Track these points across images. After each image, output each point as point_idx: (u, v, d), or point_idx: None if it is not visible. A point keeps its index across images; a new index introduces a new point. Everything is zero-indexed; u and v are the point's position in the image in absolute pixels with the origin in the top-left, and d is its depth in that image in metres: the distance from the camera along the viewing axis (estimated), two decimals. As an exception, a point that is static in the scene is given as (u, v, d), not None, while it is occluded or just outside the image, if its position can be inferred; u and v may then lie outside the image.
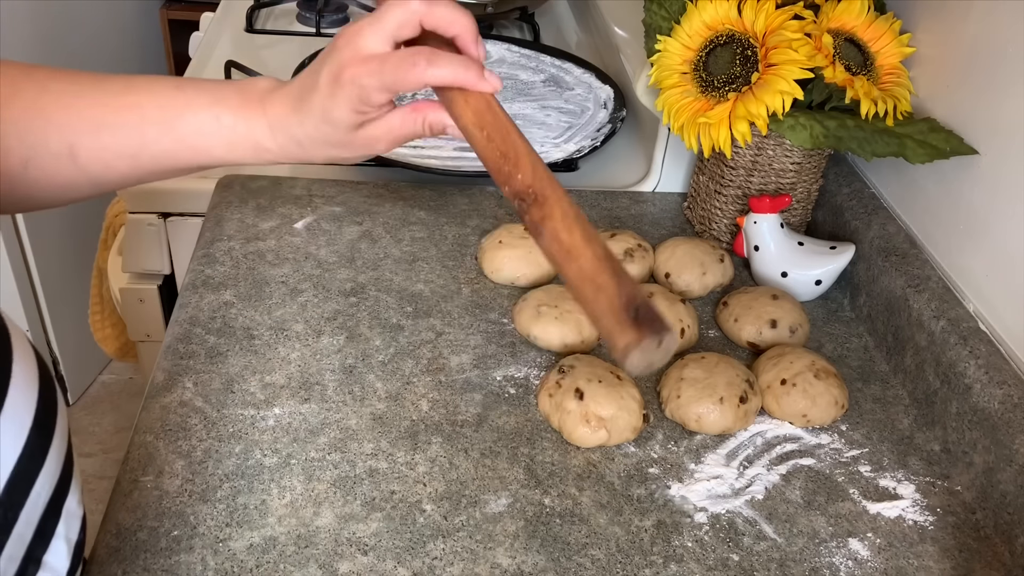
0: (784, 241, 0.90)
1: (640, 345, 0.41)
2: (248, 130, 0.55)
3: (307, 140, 0.55)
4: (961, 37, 0.82)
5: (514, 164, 0.50)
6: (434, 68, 0.51)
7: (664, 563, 0.64)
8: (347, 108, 0.53)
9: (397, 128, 0.55)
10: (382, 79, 0.51)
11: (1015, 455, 0.67)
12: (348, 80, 0.52)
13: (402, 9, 0.51)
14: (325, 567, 0.62)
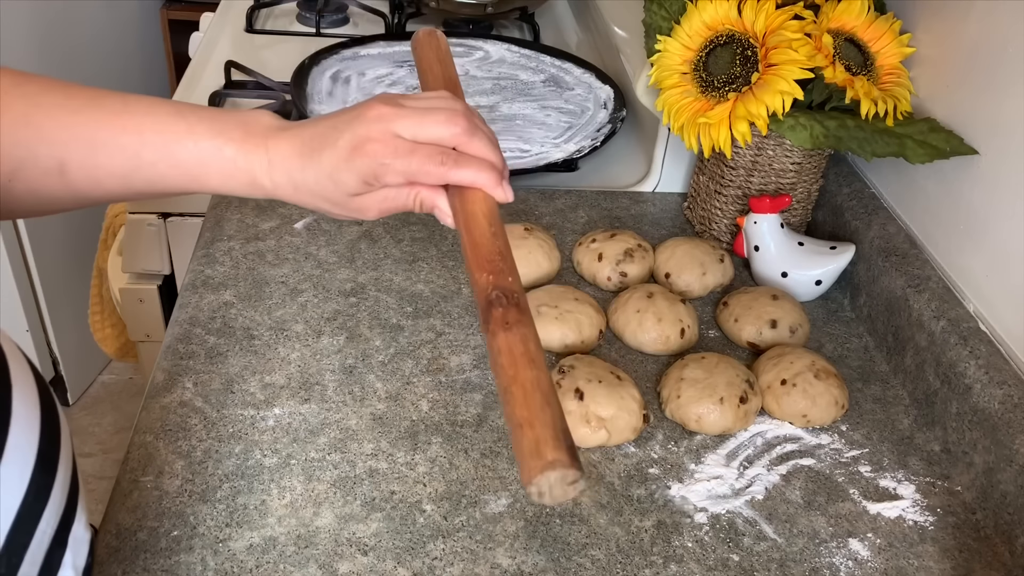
0: (784, 241, 0.90)
1: (567, 467, 0.41)
2: (247, 164, 0.56)
3: (303, 187, 0.56)
4: (961, 37, 0.82)
5: (509, 266, 0.51)
6: (460, 170, 0.53)
7: (664, 563, 0.64)
8: (358, 177, 0.54)
9: (391, 200, 0.56)
10: (407, 166, 0.53)
11: (1015, 455, 0.67)
12: (370, 154, 0.53)
13: (446, 127, 0.54)
14: (325, 567, 0.62)
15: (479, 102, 1.19)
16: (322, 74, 1.19)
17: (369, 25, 1.48)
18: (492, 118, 1.15)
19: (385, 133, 0.53)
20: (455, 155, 0.54)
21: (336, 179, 0.54)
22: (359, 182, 0.54)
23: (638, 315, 0.83)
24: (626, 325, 0.83)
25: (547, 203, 1.03)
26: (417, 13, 1.48)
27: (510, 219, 0.99)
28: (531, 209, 1.02)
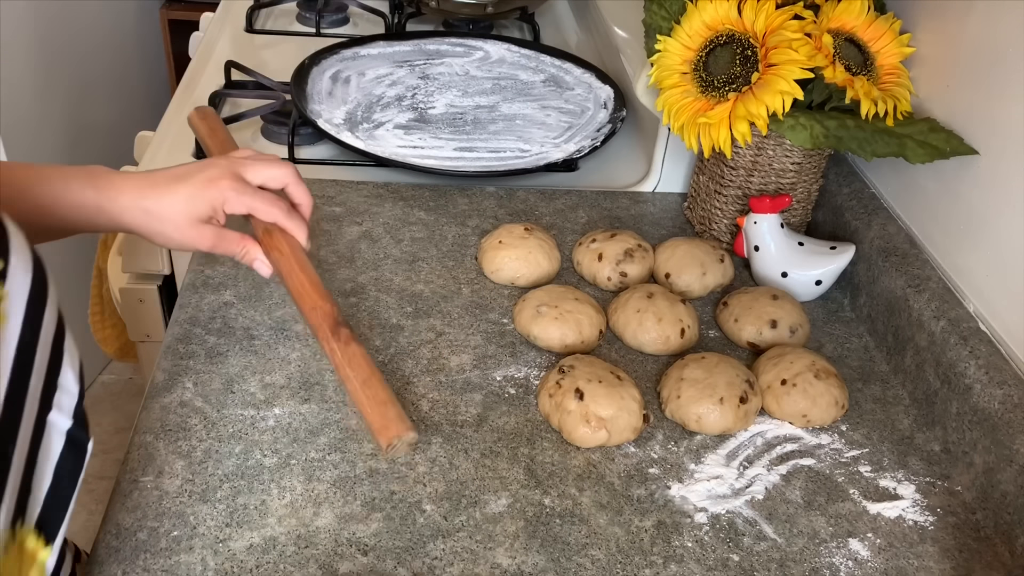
0: (784, 241, 0.90)
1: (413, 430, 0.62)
2: (95, 196, 0.65)
3: (155, 211, 0.66)
4: (961, 37, 0.82)
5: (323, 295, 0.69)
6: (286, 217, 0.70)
7: (664, 563, 0.64)
8: (208, 204, 0.67)
9: (225, 241, 0.69)
10: (251, 203, 0.69)
11: (1015, 455, 0.67)
12: (222, 187, 0.67)
13: (281, 169, 0.71)
14: (325, 567, 0.62)
15: (479, 102, 1.19)
16: (322, 74, 1.19)
17: (369, 25, 1.48)
18: (492, 118, 1.15)
19: (234, 175, 0.68)
20: (286, 207, 0.70)
21: (190, 204, 0.66)
22: (207, 206, 0.67)
23: (638, 315, 0.83)
24: (626, 325, 0.83)
25: (547, 203, 1.03)
26: (417, 13, 1.48)
27: (510, 219, 0.99)
28: (531, 209, 1.02)
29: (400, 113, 1.14)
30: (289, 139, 1.07)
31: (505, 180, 1.06)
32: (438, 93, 1.20)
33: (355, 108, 1.13)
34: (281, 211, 0.70)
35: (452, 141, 1.10)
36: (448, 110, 1.16)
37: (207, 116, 0.87)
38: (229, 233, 0.70)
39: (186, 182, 0.67)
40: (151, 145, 1.10)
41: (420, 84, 1.21)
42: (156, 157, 1.07)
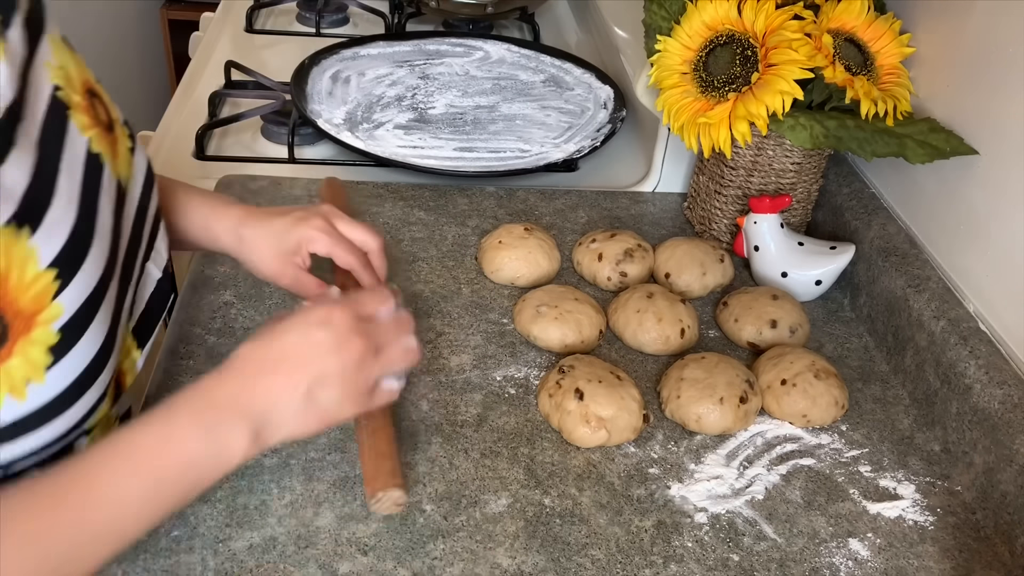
0: (784, 241, 0.90)
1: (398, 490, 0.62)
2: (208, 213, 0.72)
3: (248, 239, 0.71)
4: (961, 37, 0.82)
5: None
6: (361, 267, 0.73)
7: (664, 563, 0.64)
8: (294, 239, 0.71)
9: (301, 283, 0.72)
10: (332, 246, 0.71)
11: (1015, 455, 0.67)
12: (312, 226, 0.71)
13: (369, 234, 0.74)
14: (325, 567, 0.62)
15: (479, 102, 1.19)
16: (322, 74, 1.19)
17: (369, 25, 1.48)
18: (492, 118, 1.16)
19: (326, 220, 0.72)
20: (364, 262, 0.73)
21: (279, 239, 0.71)
22: (295, 243, 0.71)
23: (638, 315, 0.83)
24: (626, 325, 0.83)
25: (547, 203, 1.03)
26: (417, 13, 1.48)
27: (510, 219, 0.99)
28: (531, 209, 1.02)
29: (400, 113, 1.14)
30: (289, 139, 1.07)
31: (505, 180, 1.06)
32: (438, 93, 1.20)
33: (355, 108, 1.13)
34: (358, 261, 0.72)
35: (452, 141, 1.10)
36: (448, 110, 1.16)
37: (335, 189, 0.92)
38: (307, 277, 0.72)
39: (281, 217, 0.72)
40: (151, 145, 1.10)
41: (420, 84, 1.21)
42: (156, 157, 1.07)
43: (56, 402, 0.50)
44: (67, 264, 0.49)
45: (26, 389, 0.48)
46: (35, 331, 0.47)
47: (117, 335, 0.56)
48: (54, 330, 0.48)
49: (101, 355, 0.53)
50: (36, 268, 0.47)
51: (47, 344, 0.48)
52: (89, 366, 0.52)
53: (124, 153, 0.60)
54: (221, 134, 1.14)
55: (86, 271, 0.51)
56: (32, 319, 0.47)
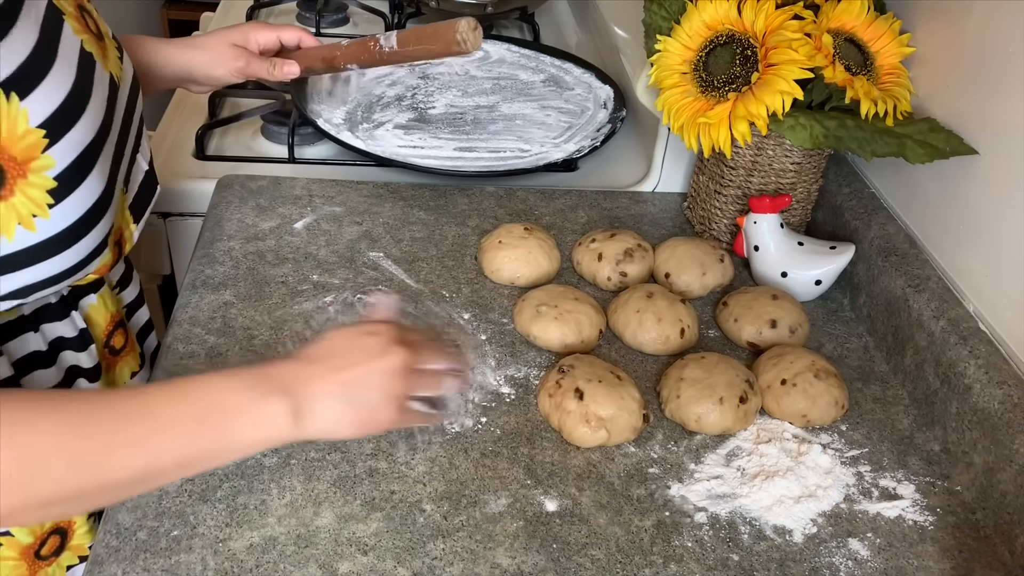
0: (784, 241, 0.90)
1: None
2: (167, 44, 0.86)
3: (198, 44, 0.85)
4: (961, 37, 0.82)
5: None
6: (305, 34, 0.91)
7: (664, 563, 0.64)
8: (241, 32, 0.87)
9: (254, 66, 0.87)
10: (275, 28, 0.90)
11: (1015, 455, 0.67)
12: (252, 24, 0.89)
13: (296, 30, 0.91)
14: (325, 567, 0.62)
15: (479, 102, 1.19)
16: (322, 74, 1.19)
17: (369, 25, 1.48)
18: (492, 118, 1.15)
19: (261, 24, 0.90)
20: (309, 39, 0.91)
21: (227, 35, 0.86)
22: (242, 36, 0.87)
23: (638, 315, 0.83)
24: (626, 325, 0.83)
25: (547, 203, 1.03)
26: (417, 13, 1.48)
27: (510, 219, 0.99)
28: (531, 209, 1.02)
29: (400, 113, 1.14)
30: (289, 139, 1.07)
31: (505, 180, 1.06)
32: (438, 93, 1.20)
33: (355, 108, 1.13)
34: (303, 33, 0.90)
35: (452, 141, 1.10)
36: (448, 110, 1.16)
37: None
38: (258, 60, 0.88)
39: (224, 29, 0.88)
40: (151, 145, 1.10)
41: (420, 84, 1.21)
42: (156, 157, 1.07)
43: (63, 236, 0.60)
44: (56, 126, 0.58)
45: (34, 222, 0.58)
46: (31, 176, 0.57)
47: (114, 195, 0.66)
48: (50, 177, 0.58)
49: (99, 204, 0.62)
50: (26, 125, 0.56)
51: (45, 188, 0.58)
52: (89, 211, 0.61)
53: (114, 58, 0.67)
54: (221, 134, 1.14)
55: (75, 135, 0.59)
56: (25, 165, 0.56)
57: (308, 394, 0.56)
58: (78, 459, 0.50)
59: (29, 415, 0.49)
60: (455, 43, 0.78)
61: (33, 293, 0.62)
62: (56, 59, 0.59)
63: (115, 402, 0.53)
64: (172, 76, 0.86)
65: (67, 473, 0.49)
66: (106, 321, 0.75)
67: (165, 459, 0.53)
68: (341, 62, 0.89)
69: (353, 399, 0.58)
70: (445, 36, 0.79)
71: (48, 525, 0.71)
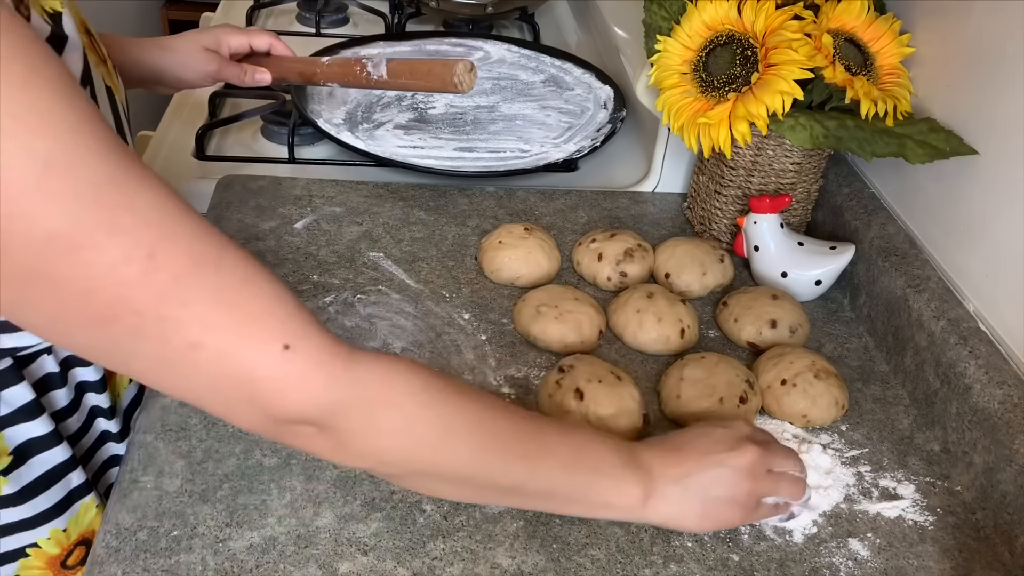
0: (784, 241, 0.90)
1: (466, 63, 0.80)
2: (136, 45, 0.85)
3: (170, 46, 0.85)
4: (961, 37, 0.82)
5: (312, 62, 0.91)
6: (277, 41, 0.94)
7: (664, 563, 0.64)
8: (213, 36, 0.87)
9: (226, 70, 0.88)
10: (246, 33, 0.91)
11: (1015, 455, 0.67)
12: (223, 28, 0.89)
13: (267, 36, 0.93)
14: (325, 567, 0.62)
15: (479, 102, 1.19)
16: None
17: (369, 25, 1.48)
18: (492, 118, 1.15)
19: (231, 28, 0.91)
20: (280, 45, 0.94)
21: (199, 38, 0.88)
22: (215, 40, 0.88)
23: (638, 315, 0.83)
24: (626, 325, 0.83)
25: (547, 203, 1.03)
26: (417, 13, 1.48)
27: (510, 219, 0.99)
28: (531, 209, 1.02)
29: (400, 113, 1.14)
30: (289, 139, 1.07)
31: (505, 180, 1.06)
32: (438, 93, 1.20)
33: (355, 108, 1.13)
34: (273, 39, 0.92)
35: (452, 141, 1.10)
36: (448, 110, 1.16)
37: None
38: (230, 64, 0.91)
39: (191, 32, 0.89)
40: (151, 145, 1.10)
41: (420, 84, 1.21)
42: (156, 157, 1.07)
43: None
44: None
45: None
46: None
47: None
48: None
49: None
50: None
51: None
52: None
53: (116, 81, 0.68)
54: (221, 134, 1.14)
55: None
56: None
57: (663, 478, 0.59)
58: (481, 449, 0.54)
59: (454, 398, 0.54)
60: (451, 84, 0.80)
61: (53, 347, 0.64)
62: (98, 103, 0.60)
63: (515, 414, 0.57)
64: (140, 78, 0.85)
65: (468, 457, 0.54)
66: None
67: (538, 484, 0.56)
68: (320, 79, 0.89)
69: (704, 492, 0.60)
70: (442, 76, 0.80)
71: (74, 537, 0.71)
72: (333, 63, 0.88)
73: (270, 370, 0.47)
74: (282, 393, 0.47)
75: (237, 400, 0.48)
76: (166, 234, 0.44)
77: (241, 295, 0.46)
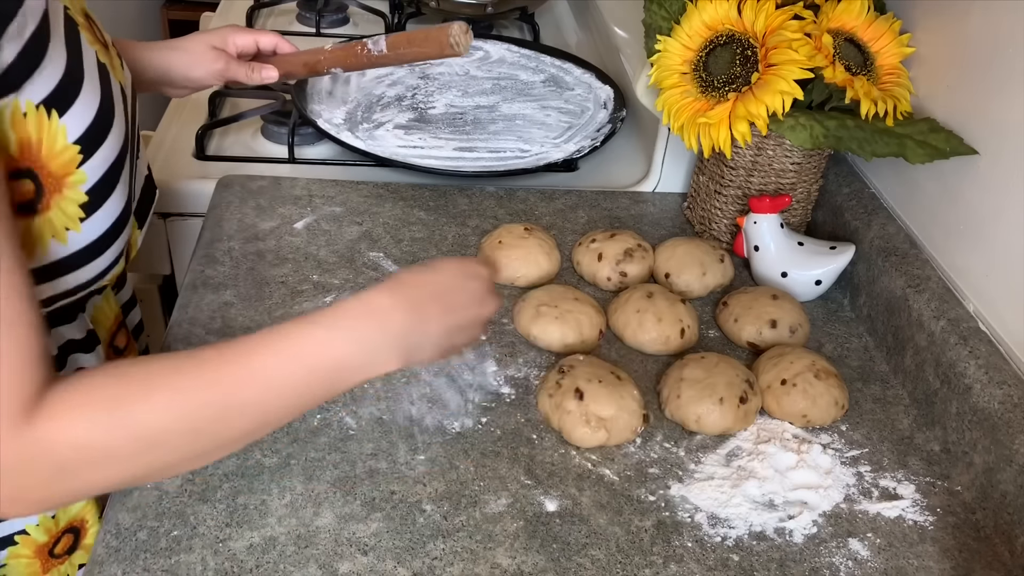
0: (784, 241, 0.90)
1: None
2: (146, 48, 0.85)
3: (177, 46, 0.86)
4: (961, 37, 0.82)
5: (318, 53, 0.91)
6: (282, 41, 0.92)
7: (664, 563, 0.64)
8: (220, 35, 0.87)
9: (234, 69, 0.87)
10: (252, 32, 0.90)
11: (1015, 455, 0.67)
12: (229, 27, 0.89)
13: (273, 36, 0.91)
14: (325, 567, 0.62)
15: (479, 102, 1.19)
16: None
17: (369, 25, 1.48)
18: (492, 118, 1.15)
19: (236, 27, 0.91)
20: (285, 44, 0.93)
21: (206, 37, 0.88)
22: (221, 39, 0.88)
23: (638, 315, 0.83)
24: (626, 325, 0.83)
25: (547, 203, 1.03)
26: (417, 13, 1.48)
27: (510, 219, 0.99)
28: (531, 209, 1.02)
29: (400, 113, 1.14)
30: (289, 139, 1.07)
31: (505, 180, 1.06)
32: (438, 93, 1.20)
33: (355, 108, 1.13)
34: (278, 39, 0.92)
35: (452, 141, 1.10)
36: (448, 110, 1.16)
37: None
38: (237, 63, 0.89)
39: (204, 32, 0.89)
40: (151, 145, 1.10)
41: (420, 84, 1.21)
42: (156, 157, 1.07)
43: (91, 247, 0.61)
44: (89, 142, 0.59)
45: (67, 235, 0.59)
46: (66, 191, 0.58)
47: (132, 205, 0.68)
48: (83, 191, 0.59)
49: (123, 215, 0.64)
50: (64, 141, 0.57)
51: (78, 202, 0.59)
52: (115, 222, 0.63)
53: (119, 66, 0.68)
54: (221, 134, 1.14)
55: (105, 149, 0.60)
56: (61, 180, 0.58)
57: (420, 342, 0.59)
58: (192, 429, 0.52)
59: (142, 397, 0.51)
60: (448, 46, 0.80)
61: (57, 302, 0.62)
62: (85, 75, 0.59)
63: (222, 368, 0.53)
64: (150, 79, 0.86)
65: (181, 442, 0.52)
66: (110, 321, 0.75)
67: (273, 417, 0.56)
68: (324, 66, 0.90)
69: (449, 339, 0.61)
70: (439, 39, 0.81)
71: (63, 524, 0.71)
72: (335, 49, 0.89)
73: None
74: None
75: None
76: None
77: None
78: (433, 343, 0.60)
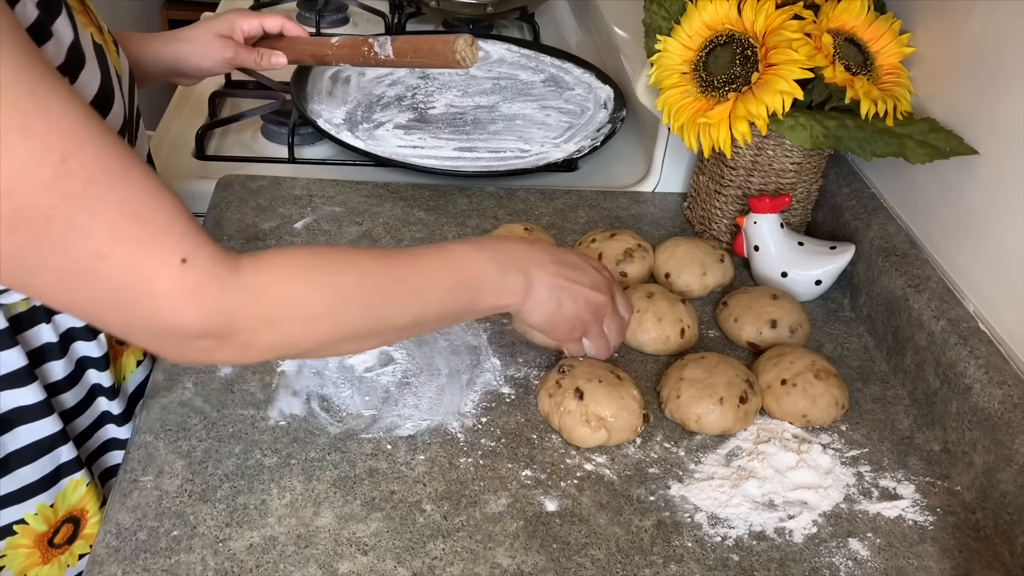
0: (784, 241, 0.90)
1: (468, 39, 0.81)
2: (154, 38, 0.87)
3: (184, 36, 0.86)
4: (961, 37, 0.82)
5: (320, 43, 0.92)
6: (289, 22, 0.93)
7: (664, 563, 0.64)
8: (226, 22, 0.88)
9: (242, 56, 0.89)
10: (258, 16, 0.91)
11: (1015, 455, 0.67)
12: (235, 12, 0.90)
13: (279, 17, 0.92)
14: (325, 567, 0.62)
15: (479, 102, 1.19)
16: (322, 74, 1.19)
17: (369, 25, 1.48)
18: (492, 118, 1.15)
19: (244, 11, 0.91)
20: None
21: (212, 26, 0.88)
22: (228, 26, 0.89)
23: (638, 315, 0.83)
24: (626, 325, 0.83)
25: (547, 203, 1.03)
26: (417, 13, 1.48)
27: (510, 219, 0.99)
28: (531, 209, 1.02)
29: (400, 113, 1.14)
30: (289, 139, 1.07)
31: (505, 180, 1.06)
32: (438, 93, 1.20)
33: (355, 108, 1.13)
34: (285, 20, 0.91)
35: (452, 141, 1.10)
36: (448, 110, 1.16)
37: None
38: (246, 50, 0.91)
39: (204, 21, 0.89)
40: (151, 144, 1.10)
41: (420, 84, 1.21)
42: (156, 157, 1.07)
43: None
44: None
45: None
46: None
47: None
48: None
49: None
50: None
51: None
52: None
53: (114, 52, 0.68)
54: (221, 134, 1.14)
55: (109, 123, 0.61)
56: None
57: (536, 278, 0.67)
58: (371, 304, 0.59)
59: (336, 267, 0.58)
60: (453, 61, 0.81)
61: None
62: (85, 55, 0.60)
63: (396, 260, 0.62)
64: (160, 71, 0.86)
65: (362, 314, 0.58)
66: None
67: (431, 312, 0.62)
68: (332, 60, 0.90)
69: (558, 304, 0.68)
70: (443, 53, 0.81)
71: (62, 513, 0.71)
72: (343, 44, 0.89)
73: (169, 283, 0.50)
74: (180, 306, 0.50)
75: (138, 316, 0.50)
76: (77, 142, 0.46)
77: (146, 208, 0.49)
78: (546, 294, 0.67)
